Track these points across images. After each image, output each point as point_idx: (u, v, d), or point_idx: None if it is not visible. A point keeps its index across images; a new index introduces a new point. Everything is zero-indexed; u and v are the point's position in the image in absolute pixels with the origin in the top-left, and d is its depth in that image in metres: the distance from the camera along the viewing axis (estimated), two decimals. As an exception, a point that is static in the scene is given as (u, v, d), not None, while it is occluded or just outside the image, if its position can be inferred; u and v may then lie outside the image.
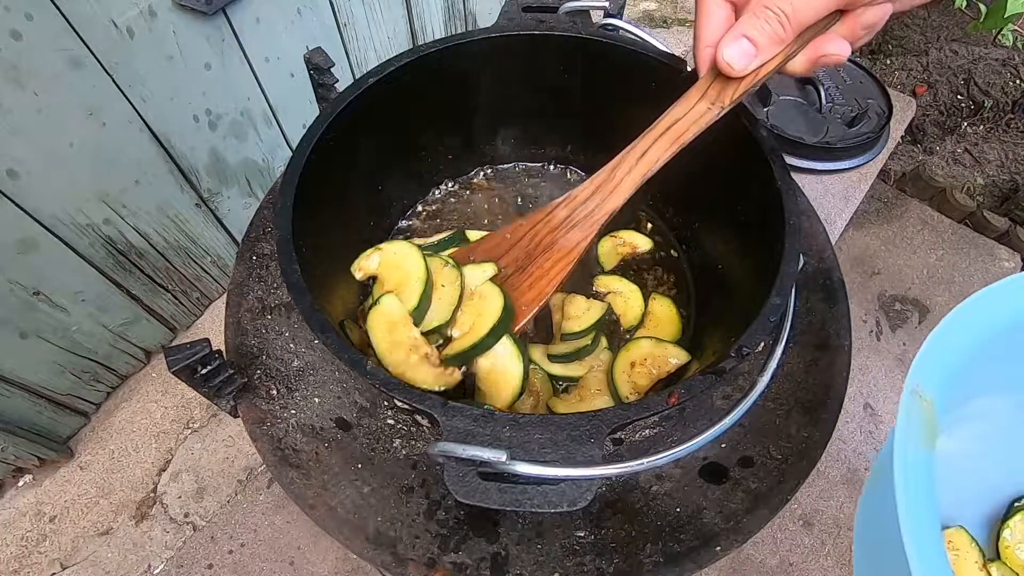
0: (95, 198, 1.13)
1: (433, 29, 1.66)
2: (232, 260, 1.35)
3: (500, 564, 0.53)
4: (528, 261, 0.64)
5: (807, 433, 0.59)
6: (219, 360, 0.57)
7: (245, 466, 1.35)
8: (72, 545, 1.25)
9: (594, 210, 0.61)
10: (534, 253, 0.64)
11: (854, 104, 1.21)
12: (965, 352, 0.47)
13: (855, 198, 1.19)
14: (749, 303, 0.54)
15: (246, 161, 1.37)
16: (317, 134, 0.59)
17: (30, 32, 0.91)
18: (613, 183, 0.60)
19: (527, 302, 0.63)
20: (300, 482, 0.57)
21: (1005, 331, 0.48)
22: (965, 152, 1.74)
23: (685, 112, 0.55)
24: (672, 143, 0.56)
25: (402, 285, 0.61)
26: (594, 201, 0.61)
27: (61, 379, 1.26)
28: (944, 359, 0.46)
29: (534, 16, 0.71)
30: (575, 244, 0.62)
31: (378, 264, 0.65)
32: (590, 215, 0.61)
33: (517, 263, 0.65)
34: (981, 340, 0.47)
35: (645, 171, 0.58)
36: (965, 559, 0.58)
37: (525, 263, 0.64)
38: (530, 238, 0.65)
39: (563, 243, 0.63)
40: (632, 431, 0.63)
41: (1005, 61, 1.78)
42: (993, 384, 0.55)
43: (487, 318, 0.59)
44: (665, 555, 0.53)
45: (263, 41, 1.23)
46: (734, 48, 0.49)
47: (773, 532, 1.03)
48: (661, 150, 0.57)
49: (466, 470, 0.41)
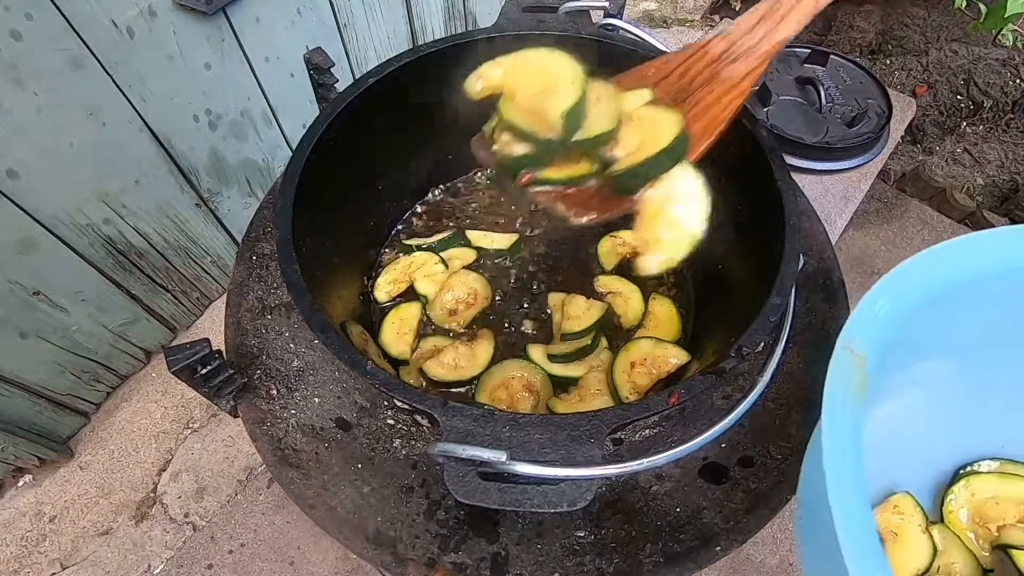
0: (95, 198, 1.13)
1: (433, 29, 1.66)
2: (232, 260, 1.35)
3: (500, 564, 0.53)
4: (685, 94, 0.58)
5: (807, 433, 0.59)
6: (219, 360, 0.57)
7: (245, 466, 1.35)
8: (72, 545, 1.25)
9: (760, 40, 0.55)
10: (690, 88, 0.58)
11: (854, 104, 1.21)
12: (901, 312, 0.46)
13: (855, 198, 1.19)
14: (749, 303, 0.54)
15: (246, 161, 1.37)
16: (317, 134, 0.59)
17: (30, 32, 0.91)
18: (780, 12, 0.55)
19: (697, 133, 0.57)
20: (300, 482, 0.57)
21: (944, 293, 0.48)
22: (965, 152, 1.73)
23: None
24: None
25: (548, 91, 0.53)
26: (759, 31, 0.55)
27: (61, 379, 1.26)
28: (878, 316, 0.45)
29: (534, 16, 0.71)
30: (743, 75, 0.56)
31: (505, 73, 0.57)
32: (755, 46, 0.56)
33: (669, 97, 0.58)
34: (919, 300, 0.47)
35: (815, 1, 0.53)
36: (909, 522, 0.59)
37: (680, 96, 0.58)
38: (681, 72, 0.59)
39: (726, 74, 0.57)
40: (632, 431, 0.63)
41: (1005, 61, 1.78)
42: (935, 348, 0.55)
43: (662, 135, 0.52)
44: (665, 555, 0.53)
45: (263, 41, 1.23)
46: None
47: (773, 532, 1.03)
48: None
49: (466, 470, 0.41)
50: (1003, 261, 0.49)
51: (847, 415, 0.41)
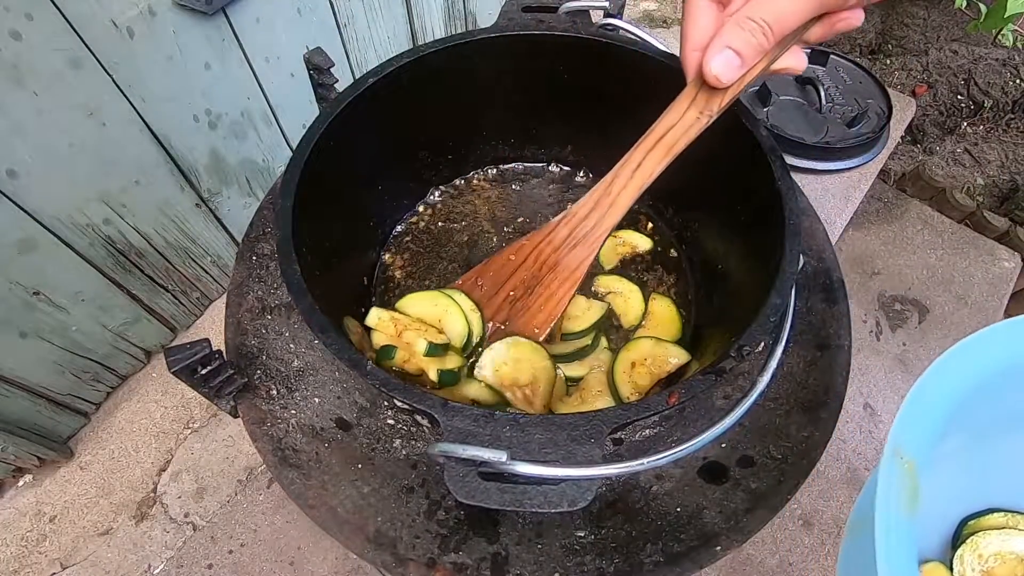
0: (95, 198, 1.13)
1: (433, 29, 1.66)
2: (232, 260, 1.35)
3: (500, 564, 0.53)
4: (535, 282, 0.65)
5: (807, 433, 0.59)
6: (219, 360, 0.57)
7: (245, 466, 1.35)
8: (72, 545, 1.25)
9: (594, 227, 0.62)
10: (539, 274, 0.65)
11: (854, 104, 1.21)
12: (945, 409, 0.47)
13: (855, 198, 1.19)
14: (749, 303, 0.54)
15: (246, 161, 1.37)
16: (317, 134, 0.59)
17: (30, 32, 0.91)
18: (611, 198, 0.60)
19: (539, 323, 0.64)
20: (300, 482, 0.57)
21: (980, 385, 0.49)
22: (965, 152, 1.73)
23: (676, 121, 0.56)
24: (665, 154, 0.57)
25: None
26: (593, 218, 0.62)
27: (61, 379, 1.26)
28: (925, 418, 0.46)
29: (534, 16, 0.71)
30: (579, 263, 0.63)
31: None
32: (591, 232, 0.62)
33: (525, 284, 0.66)
34: (961, 396, 0.48)
35: (641, 184, 0.59)
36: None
37: (532, 284, 0.65)
38: (534, 258, 0.66)
39: (567, 262, 0.64)
40: (632, 431, 0.63)
41: (1005, 61, 1.78)
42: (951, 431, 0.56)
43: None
44: (665, 555, 0.53)
45: (263, 41, 1.23)
46: (719, 60, 0.49)
47: (773, 532, 1.03)
48: (655, 162, 0.57)
49: (466, 470, 0.41)
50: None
51: (902, 533, 0.40)
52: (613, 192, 0.60)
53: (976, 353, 0.49)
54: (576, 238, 0.63)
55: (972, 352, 0.49)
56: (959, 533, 0.64)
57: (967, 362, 0.49)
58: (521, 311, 0.65)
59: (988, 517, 0.64)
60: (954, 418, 0.47)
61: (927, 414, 0.46)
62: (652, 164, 0.58)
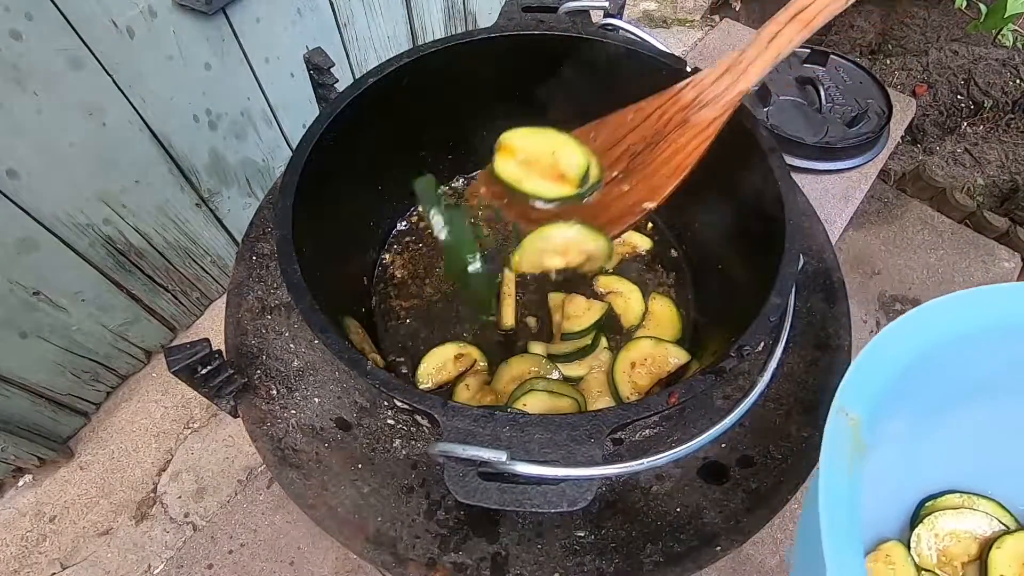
0: (95, 198, 1.13)
1: (433, 29, 1.66)
2: (232, 260, 1.35)
3: (500, 564, 0.53)
4: (659, 138, 0.64)
5: (807, 433, 0.59)
6: (219, 360, 0.57)
7: (245, 466, 1.35)
8: (72, 545, 1.25)
9: (725, 90, 0.61)
10: (664, 130, 0.64)
11: (854, 104, 1.21)
12: (891, 371, 0.48)
13: (855, 198, 1.19)
14: (749, 303, 0.54)
15: (246, 161, 1.37)
16: (317, 134, 0.59)
17: (30, 32, 0.91)
18: (742, 66, 0.60)
19: (666, 174, 0.63)
20: (300, 482, 0.57)
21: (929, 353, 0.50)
22: (965, 152, 1.73)
23: None
24: (803, 27, 0.57)
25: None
26: (724, 82, 0.61)
27: (61, 379, 1.26)
28: (870, 377, 0.47)
29: (534, 16, 0.71)
30: (709, 121, 0.62)
31: None
32: (721, 95, 0.61)
33: (646, 140, 0.65)
34: (908, 361, 0.49)
35: (775, 54, 0.58)
36: (900, 572, 0.61)
37: (656, 140, 0.65)
38: (658, 115, 0.65)
39: (695, 120, 0.63)
40: (632, 431, 0.63)
41: (1005, 61, 1.78)
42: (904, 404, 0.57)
43: None
44: (665, 555, 0.53)
45: (263, 41, 1.23)
46: None
47: (773, 532, 1.02)
48: (791, 35, 0.57)
49: (466, 470, 0.41)
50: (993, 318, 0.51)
51: (843, 480, 0.42)
52: (744, 61, 0.60)
53: (926, 321, 0.50)
54: (704, 100, 0.62)
55: (922, 320, 0.50)
56: (917, 514, 0.66)
57: (916, 329, 0.50)
58: (643, 164, 0.64)
59: (945, 498, 0.66)
60: (904, 382, 0.49)
61: (873, 374, 0.47)
62: (788, 36, 0.57)
